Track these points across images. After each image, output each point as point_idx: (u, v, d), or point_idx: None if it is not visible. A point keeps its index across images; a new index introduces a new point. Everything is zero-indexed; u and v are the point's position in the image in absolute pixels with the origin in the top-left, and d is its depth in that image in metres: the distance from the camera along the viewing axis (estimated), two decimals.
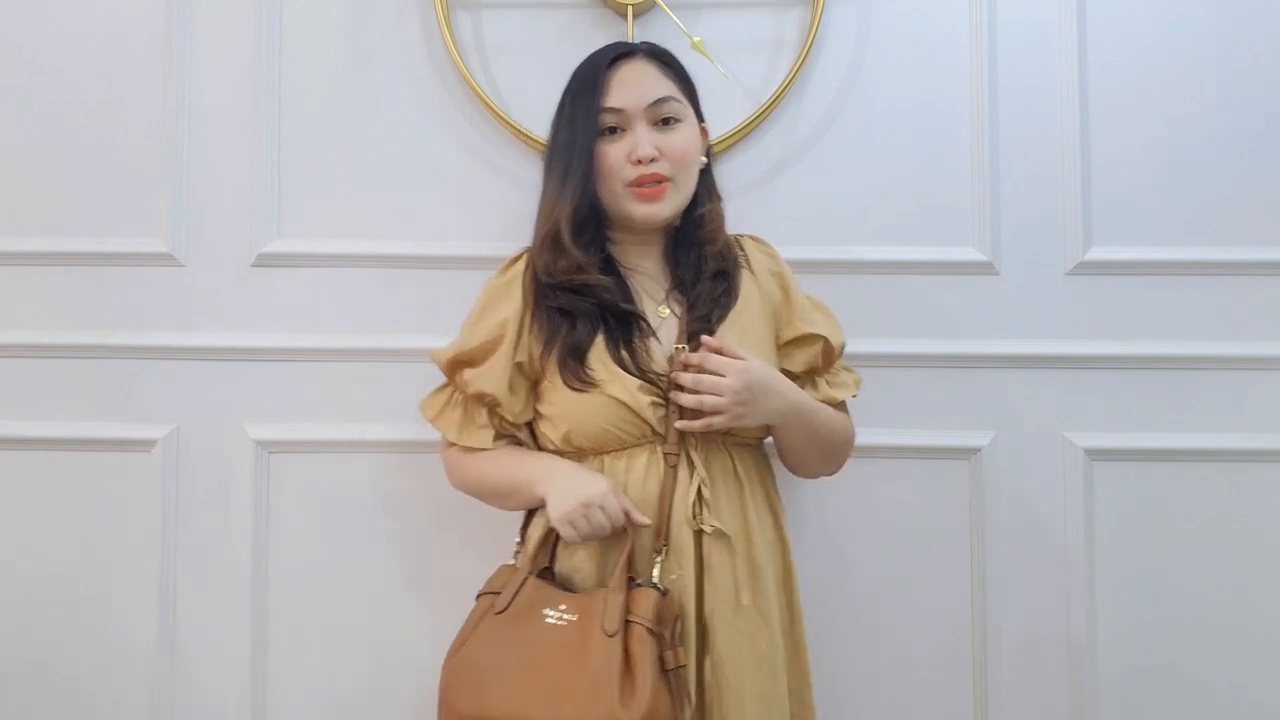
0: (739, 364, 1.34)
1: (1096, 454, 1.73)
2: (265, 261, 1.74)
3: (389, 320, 1.74)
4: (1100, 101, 1.77)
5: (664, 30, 1.75)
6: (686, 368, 1.36)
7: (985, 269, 1.75)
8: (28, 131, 1.75)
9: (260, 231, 1.74)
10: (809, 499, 1.71)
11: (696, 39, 1.69)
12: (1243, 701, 1.72)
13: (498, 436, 1.45)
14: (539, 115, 1.74)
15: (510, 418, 1.43)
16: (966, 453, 1.74)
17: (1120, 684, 1.72)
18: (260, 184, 1.74)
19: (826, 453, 1.49)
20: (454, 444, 1.47)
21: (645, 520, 1.34)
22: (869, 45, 1.78)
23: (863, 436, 1.63)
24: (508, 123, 1.74)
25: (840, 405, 1.50)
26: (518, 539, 1.45)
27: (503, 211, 1.75)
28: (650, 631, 1.27)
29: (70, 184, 1.74)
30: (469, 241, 1.75)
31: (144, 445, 1.72)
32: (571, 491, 1.34)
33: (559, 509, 1.34)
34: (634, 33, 1.74)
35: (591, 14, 1.78)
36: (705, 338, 1.36)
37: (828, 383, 1.48)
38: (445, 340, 1.71)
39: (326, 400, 1.73)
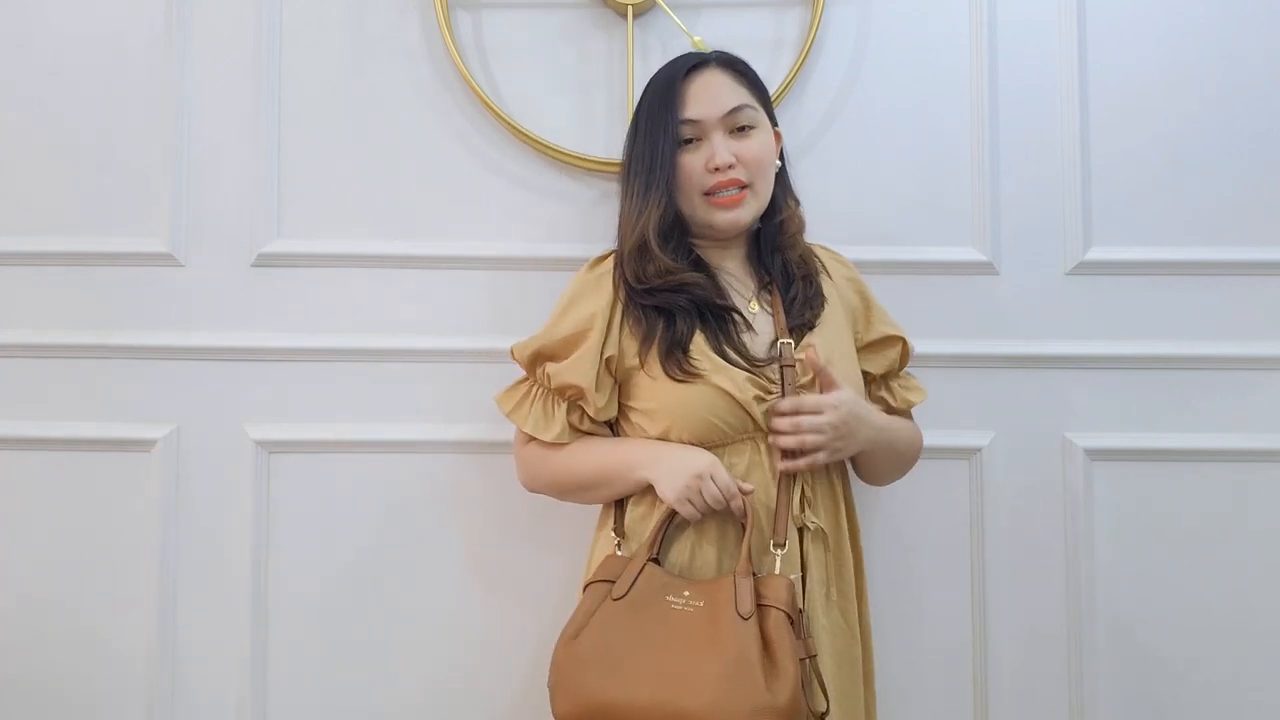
0: (834, 399, 1.35)
1: (1096, 454, 1.73)
2: (265, 261, 1.74)
3: (389, 320, 1.74)
4: (1100, 101, 1.77)
5: (664, 30, 1.75)
6: (782, 412, 1.36)
7: (985, 269, 1.75)
8: (28, 131, 1.75)
9: (260, 231, 1.74)
10: None
11: (697, 39, 1.69)
12: (1243, 701, 1.72)
13: (575, 432, 1.45)
14: (539, 115, 1.75)
15: (593, 413, 1.42)
16: (966, 453, 1.74)
17: (1120, 684, 1.72)
18: (260, 184, 1.74)
19: (903, 465, 1.55)
20: (532, 440, 1.46)
21: (750, 487, 1.35)
22: (869, 45, 1.78)
23: None
24: (508, 122, 1.74)
25: (907, 412, 1.54)
26: (614, 535, 1.42)
27: (502, 211, 1.76)
28: (786, 615, 1.26)
29: (70, 184, 1.74)
30: (469, 241, 1.75)
31: (144, 445, 1.72)
32: (681, 469, 1.34)
33: (673, 488, 1.33)
34: (634, 33, 1.74)
35: (591, 14, 1.78)
36: (811, 355, 1.36)
37: (902, 387, 1.53)
38: (445, 340, 1.73)
39: (326, 400, 1.73)
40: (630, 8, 1.73)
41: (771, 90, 1.72)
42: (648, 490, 1.39)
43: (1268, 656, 1.72)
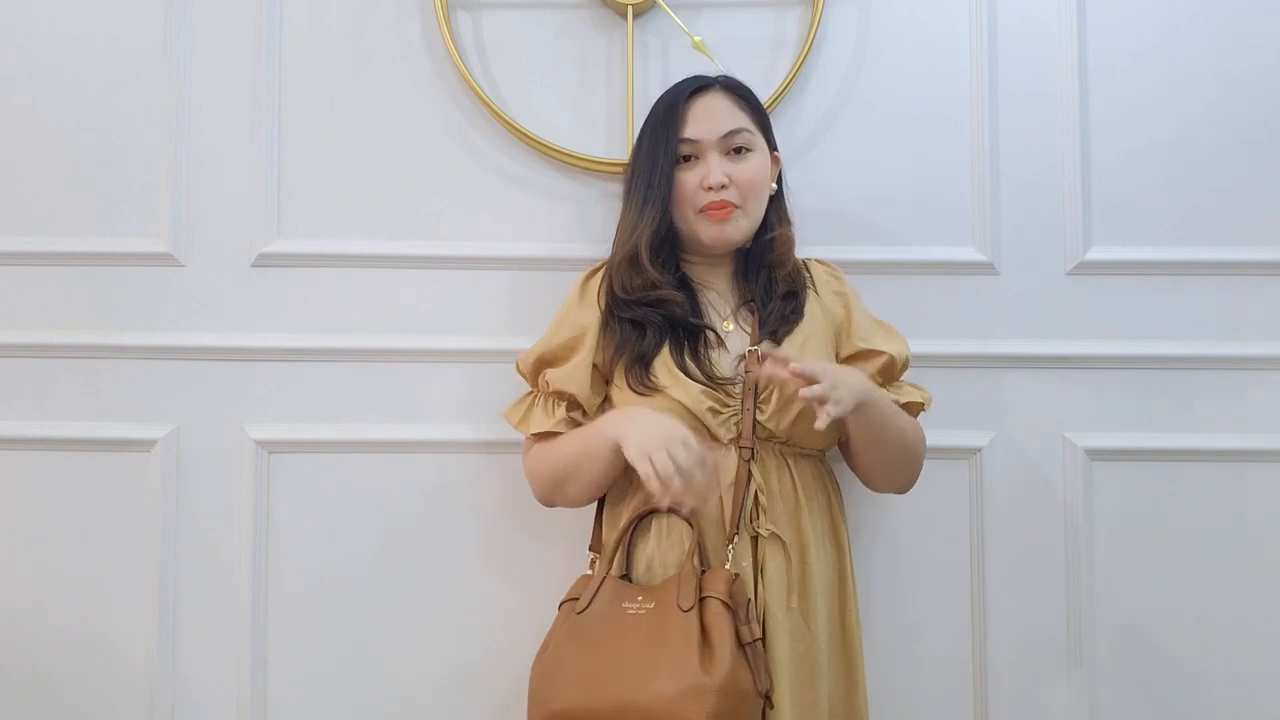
0: (805, 360, 1.34)
1: (1096, 454, 1.73)
2: (265, 261, 1.74)
3: (389, 320, 1.74)
4: (1100, 101, 1.77)
5: (664, 30, 1.75)
6: (761, 372, 1.37)
7: (985, 269, 1.75)
8: (28, 131, 1.75)
9: (260, 231, 1.74)
10: None
11: (697, 39, 1.69)
12: (1243, 701, 1.72)
13: (573, 424, 1.50)
14: (538, 115, 1.75)
15: (592, 414, 1.50)
16: (966, 453, 1.74)
17: (1120, 684, 1.72)
18: (260, 184, 1.74)
19: (905, 449, 1.50)
20: (534, 443, 1.52)
21: (714, 457, 1.35)
22: (869, 45, 1.78)
23: None
24: (507, 122, 1.74)
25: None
26: (590, 554, 1.50)
27: (502, 211, 1.76)
28: (725, 605, 1.32)
29: (70, 184, 1.74)
30: (468, 241, 1.75)
31: (144, 445, 1.71)
32: (650, 429, 1.34)
33: (636, 444, 1.33)
34: (634, 33, 1.74)
35: (591, 14, 1.78)
36: (762, 348, 1.41)
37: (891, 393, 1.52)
38: (444, 339, 1.73)
39: (326, 400, 1.73)
40: (630, 8, 1.73)
41: (771, 90, 1.73)
42: (622, 502, 1.47)
43: (1268, 657, 1.72)
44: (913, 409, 1.54)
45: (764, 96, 1.73)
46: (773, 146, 1.55)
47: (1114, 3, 1.78)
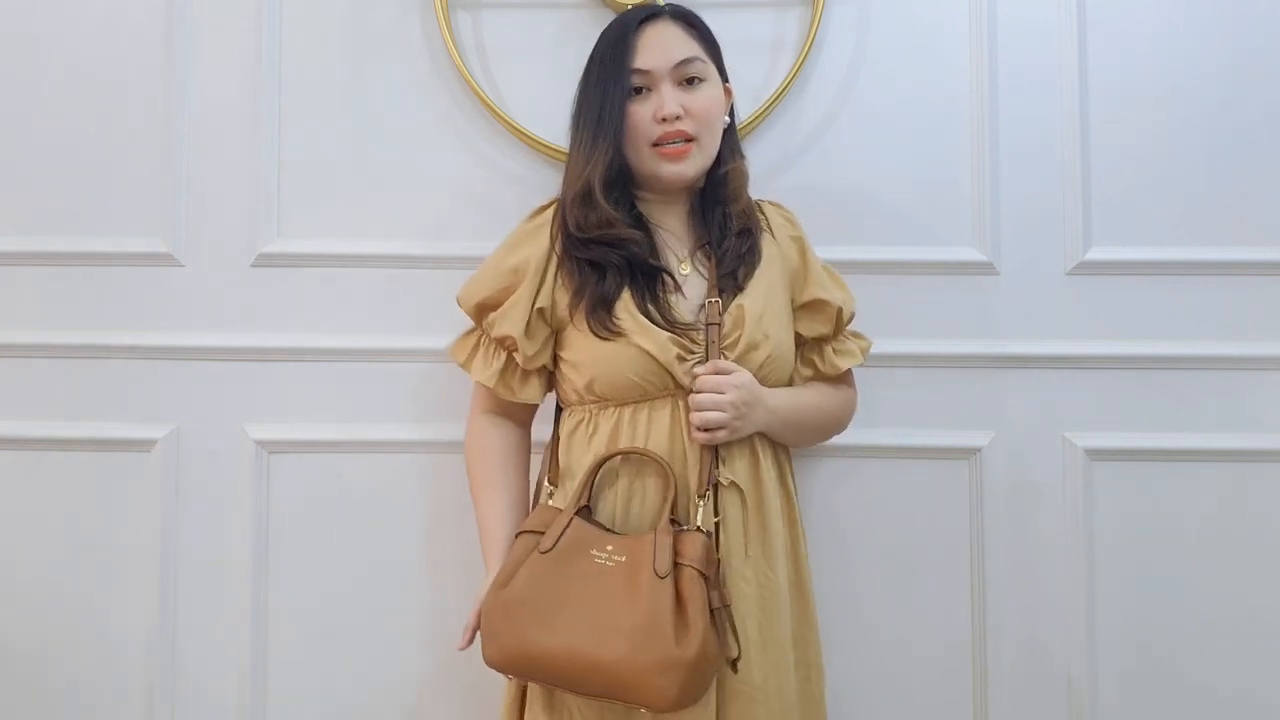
0: (731, 379, 1.38)
1: (1096, 454, 1.73)
2: (265, 261, 1.74)
3: (388, 320, 1.74)
4: (1100, 101, 1.77)
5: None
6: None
7: (985, 269, 1.75)
8: (28, 132, 1.75)
9: (260, 231, 1.74)
10: (809, 499, 1.71)
11: None
12: (1243, 702, 1.72)
13: (505, 386, 1.47)
14: (539, 115, 1.75)
15: (522, 362, 1.45)
16: (966, 453, 1.74)
17: (1120, 684, 1.72)
18: (260, 184, 1.74)
19: (818, 435, 1.56)
20: (478, 415, 1.53)
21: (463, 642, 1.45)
22: (869, 45, 1.78)
23: (864, 436, 1.64)
24: (507, 122, 1.74)
25: (845, 374, 1.54)
26: (549, 486, 1.47)
27: (502, 211, 1.75)
28: (700, 574, 1.31)
29: (70, 184, 1.74)
30: (468, 241, 1.74)
31: (144, 445, 1.72)
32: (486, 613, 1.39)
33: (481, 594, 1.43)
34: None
35: (591, 14, 1.78)
36: (699, 368, 1.39)
37: (834, 350, 1.52)
38: (445, 339, 1.72)
39: (326, 400, 1.73)
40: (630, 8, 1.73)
41: (771, 90, 1.73)
42: (575, 435, 1.45)
43: (1267, 657, 1.72)
44: (842, 375, 1.54)
45: (764, 96, 1.74)
46: (724, 78, 1.51)
47: (1114, 2, 1.78)
